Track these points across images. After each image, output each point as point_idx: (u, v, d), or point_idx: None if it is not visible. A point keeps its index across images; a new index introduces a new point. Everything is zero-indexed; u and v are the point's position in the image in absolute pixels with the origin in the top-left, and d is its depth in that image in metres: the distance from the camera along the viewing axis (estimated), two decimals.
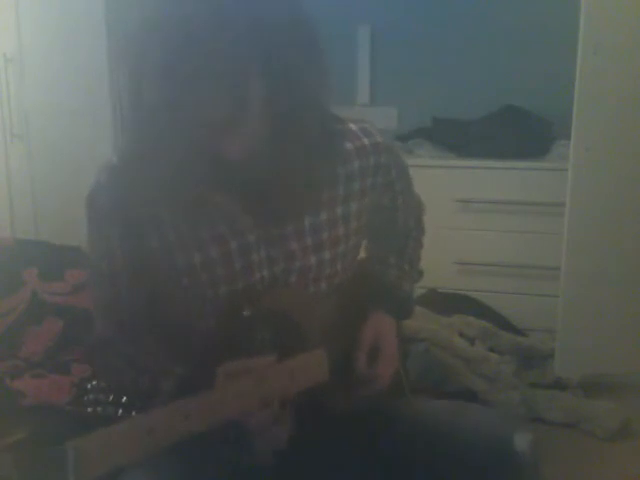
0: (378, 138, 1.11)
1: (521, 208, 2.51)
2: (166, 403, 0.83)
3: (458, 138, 2.71)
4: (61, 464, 0.71)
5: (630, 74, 2.06)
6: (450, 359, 2.19)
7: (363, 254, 1.25)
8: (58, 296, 1.90)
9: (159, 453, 0.80)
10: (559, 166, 2.35)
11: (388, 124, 2.94)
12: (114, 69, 2.57)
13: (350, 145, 1.08)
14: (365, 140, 1.09)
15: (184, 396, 0.83)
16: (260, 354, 0.95)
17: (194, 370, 0.98)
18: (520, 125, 2.64)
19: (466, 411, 1.12)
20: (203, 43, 0.83)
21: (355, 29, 2.98)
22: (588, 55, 2.04)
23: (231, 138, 0.90)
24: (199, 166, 0.90)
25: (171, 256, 1.02)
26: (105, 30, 2.52)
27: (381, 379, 1.15)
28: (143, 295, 1.04)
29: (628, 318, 2.20)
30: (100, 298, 1.08)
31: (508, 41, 2.80)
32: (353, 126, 1.11)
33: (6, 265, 1.96)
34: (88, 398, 1.58)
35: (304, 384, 0.98)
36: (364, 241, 1.23)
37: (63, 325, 1.84)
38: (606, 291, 2.19)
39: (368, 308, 1.17)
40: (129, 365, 1.04)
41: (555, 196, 2.35)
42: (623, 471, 1.85)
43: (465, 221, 2.58)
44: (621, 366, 2.22)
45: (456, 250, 2.57)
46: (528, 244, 2.52)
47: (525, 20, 2.76)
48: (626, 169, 2.12)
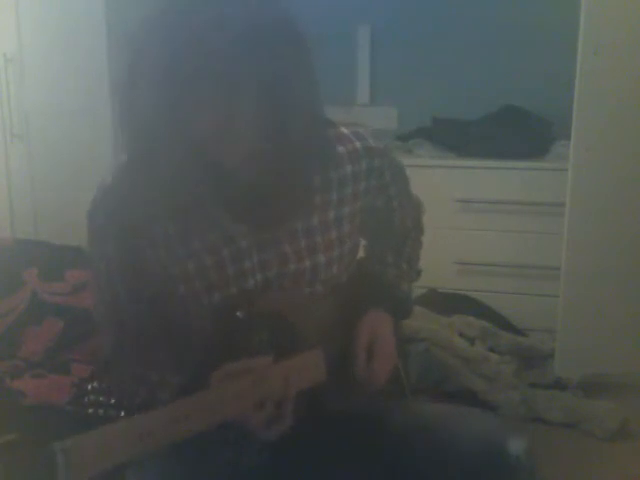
0: (371, 142, 1.12)
1: (521, 208, 2.50)
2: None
3: (458, 138, 2.71)
4: (51, 465, 0.71)
5: (630, 74, 2.06)
6: (450, 359, 2.19)
7: (362, 254, 1.25)
8: (58, 296, 1.90)
9: (156, 454, 0.80)
10: (559, 166, 2.35)
11: (388, 124, 2.94)
12: (114, 69, 2.57)
13: (342, 149, 1.08)
14: (357, 144, 1.10)
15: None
16: (257, 356, 0.95)
17: (192, 376, 0.98)
18: (520, 125, 2.64)
19: (462, 415, 1.12)
20: (200, 47, 0.83)
21: (355, 29, 2.98)
22: (588, 55, 2.04)
23: (224, 144, 0.90)
24: (192, 173, 0.90)
25: (167, 266, 1.02)
26: (105, 30, 2.53)
27: (377, 377, 1.15)
28: (143, 307, 1.04)
29: (628, 318, 2.20)
30: (104, 315, 1.09)
31: (508, 41, 2.80)
32: (345, 130, 1.11)
33: (6, 265, 1.96)
34: (88, 399, 1.58)
35: (302, 384, 0.98)
36: (363, 242, 1.23)
37: (63, 325, 1.84)
38: (606, 291, 2.19)
39: (365, 306, 1.17)
40: (131, 379, 1.04)
41: (555, 196, 2.35)
42: (623, 471, 1.85)
43: (465, 221, 2.58)
44: (621, 366, 2.22)
45: (456, 250, 2.57)
46: (528, 244, 2.52)
47: (525, 20, 2.75)
48: (626, 169, 2.12)
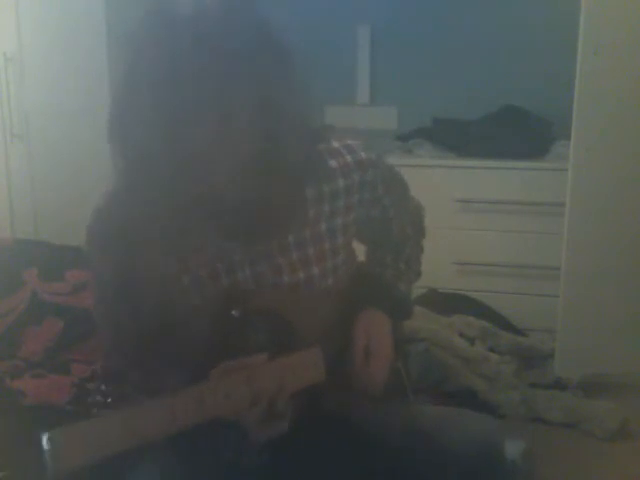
0: (362, 155, 1.12)
1: (521, 208, 2.51)
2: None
3: (458, 138, 2.71)
4: (39, 452, 0.72)
5: (630, 74, 2.06)
6: (450, 359, 2.19)
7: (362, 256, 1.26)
8: (58, 296, 1.90)
9: (155, 452, 0.80)
10: (559, 166, 2.35)
11: (388, 124, 2.94)
12: (114, 69, 2.57)
13: (334, 163, 1.09)
14: (348, 157, 1.10)
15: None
16: (253, 354, 0.95)
17: (190, 377, 0.98)
18: (520, 125, 2.64)
19: (459, 418, 1.12)
20: (186, 67, 0.83)
21: (355, 29, 2.98)
22: (588, 55, 2.04)
23: (215, 162, 0.88)
24: (185, 194, 0.88)
25: (164, 281, 1.02)
26: (105, 30, 2.53)
27: (374, 377, 1.15)
28: (140, 315, 1.04)
29: (628, 318, 2.19)
30: (106, 329, 1.09)
31: (508, 41, 2.80)
32: (336, 144, 1.11)
33: (6, 265, 1.96)
34: (88, 399, 1.58)
35: (300, 383, 0.98)
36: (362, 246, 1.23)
37: (63, 325, 1.84)
38: (606, 291, 2.19)
39: (361, 306, 1.17)
40: (130, 383, 1.05)
41: (555, 196, 2.35)
42: (623, 471, 1.85)
43: (465, 221, 2.58)
44: (621, 366, 2.22)
45: (456, 250, 2.57)
46: (528, 244, 2.52)
47: (525, 20, 2.76)
48: (626, 169, 2.12)
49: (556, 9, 2.65)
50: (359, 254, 1.23)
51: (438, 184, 2.54)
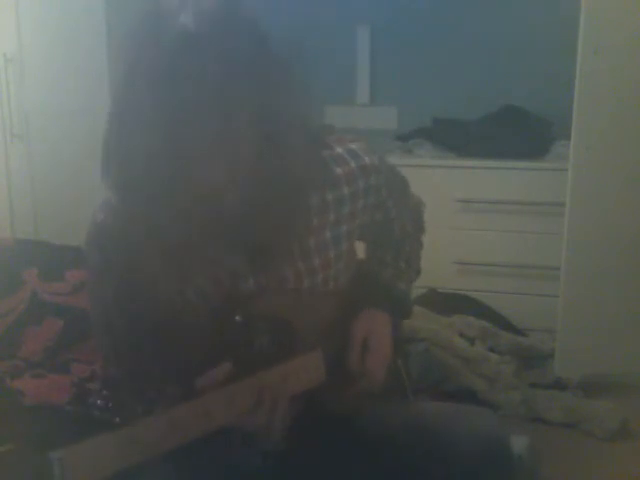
0: (366, 160, 1.11)
1: (521, 208, 2.50)
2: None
3: (458, 138, 2.71)
4: (47, 474, 0.71)
5: (630, 74, 2.06)
6: (450, 359, 2.19)
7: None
8: (58, 296, 1.90)
9: (155, 460, 0.80)
10: (559, 166, 2.35)
11: (388, 124, 2.94)
12: (114, 69, 2.57)
13: (339, 170, 1.08)
14: (352, 164, 1.09)
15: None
16: (257, 359, 0.95)
17: (192, 384, 0.98)
18: (520, 125, 2.64)
19: (463, 414, 1.12)
20: (186, 76, 0.82)
21: (355, 29, 2.98)
22: (588, 55, 2.04)
23: (218, 173, 0.87)
24: (187, 208, 0.87)
25: (165, 293, 1.01)
26: (105, 30, 2.53)
27: (371, 373, 1.14)
28: (140, 325, 1.04)
29: (628, 318, 2.19)
30: (103, 339, 1.09)
31: (508, 41, 2.80)
32: (339, 149, 1.10)
33: (6, 265, 1.96)
34: (87, 400, 1.59)
35: (302, 386, 0.98)
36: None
37: (63, 325, 1.84)
38: (606, 291, 2.19)
39: (361, 305, 1.17)
40: (130, 394, 1.05)
41: (555, 196, 2.35)
42: (623, 471, 1.85)
43: (465, 221, 2.58)
44: (621, 366, 2.22)
45: (456, 250, 2.57)
46: (528, 244, 2.52)
47: (525, 20, 2.76)
48: (626, 169, 2.12)
49: (556, 9, 2.65)
50: (359, 252, 1.23)
51: (438, 184, 2.53)
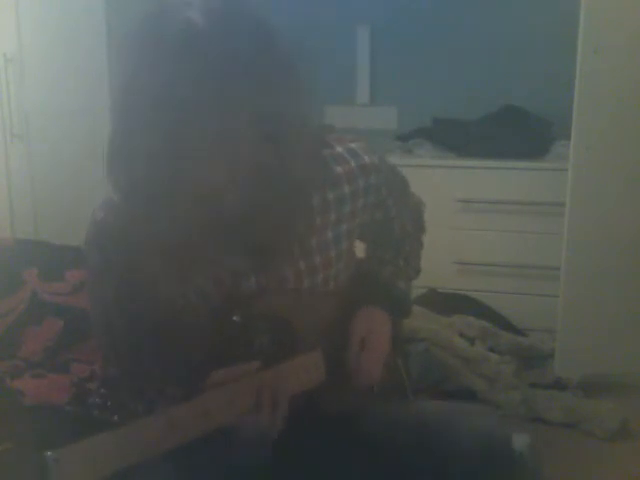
0: (366, 159, 1.11)
1: (521, 208, 2.50)
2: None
3: (458, 138, 2.71)
4: (43, 473, 0.71)
5: (630, 74, 2.06)
6: (450, 359, 2.19)
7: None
8: (58, 296, 1.90)
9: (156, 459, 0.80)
10: (559, 166, 2.35)
11: (388, 124, 2.94)
12: (114, 69, 2.57)
13: (340, 169, 1.08)
14: (352, 163, 1.09)
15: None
16: (257, 359, 0.94)
17: (192, 385, 0.98)
18: (520, 125, 2.64)
19: (464, 412, 1.12)
20: (187, 74, 0.81)
21: (355, 29, 2.98)
22: (588, 55, 2.04)
23: (218, 168, 0.86)
24: (189, 209, 0.86)
25: (164, 293, 1.01)
26: (105, 30, 2.53)
27: (369, 370, 1.14)
28: (140, 325, 1.03)
29: (628, 318, 2.19)
30: (101, 337, 1.09)
31: (508, 41, 2.80)
32: (340, 148, 1.10)
33: (6, 265, 1.96)
34: (87, 400, 1.59)
35: (302, 386, 0.98)
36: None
37: (63, 325, 1.84)
38: (606, 291, 2.19)
39: (360, 304, 1.17)
40: (130, 395, 1.04)
41: (555, 196, 2.35)
42: (623, 471, 1.85)
43: (465, 221, 2.58)
44: (621, 366, 2.22)
45: (456, 250, 2.57)
46: (528, 244, 2.52)
47: (525, 20, 2.76)
48: (626, 169, 2.12)
49: (556, 9, 2.65)
50: (358, 251, 1.23)
51: (438, 184, 2.53)
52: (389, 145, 2.77)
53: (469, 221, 2.57)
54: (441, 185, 2.55)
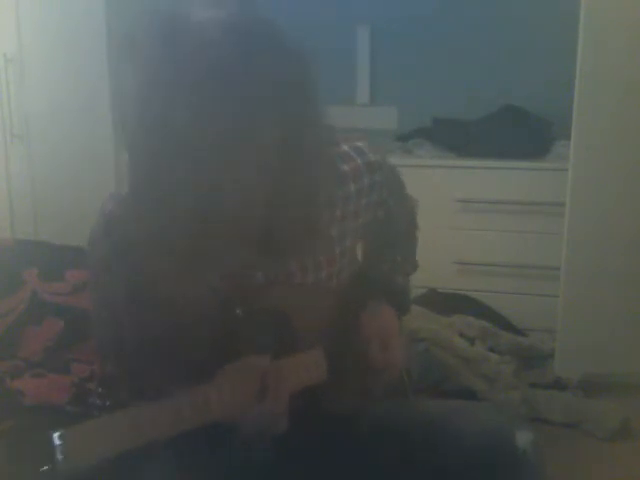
0: (371, 157, 1.12)
1: (521, 208, 2.50)
2: None
3: (458, 138, 2.71)
4: (48, 451, 0.72)
5: (630, 74, 2.06)
6: (450, 359, 2.19)
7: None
8: (58, 296, 1.90)
9: (156, 448, 0.80)
10: (559, 166, 2.35)
11: (388, 124, 2.94)
12: (114, 69, 2.57)
13: (346, 167, 1.09)
14: (358, 160, 1.10)
15: None
16: (259, 354, 0.95)
17: (194, 379, 0.98)
18: (520, 125, 2.64)
19: (467, 409, 1.12)
20: (201, 71, 0.81)
21: (355, 29, 2.98)
22: (588, 55, 2.04)
23: (241, 166, 0.86)
24: (202, 205, 0.85)
25: (169, 291, 1.01)
26: (105, 31, 2.53)
27: (393, 363, 1.13)
28: (143, 323, 1.03)
29: (628, 318, 2.20)
30: (102, 334, 1.09)
31: (508, 41, 2.80)
32: (345, 147, 1.11)
33: (6, 265, 1.96)
34: (86, 400, 1.59)
35: (302, 383, 0.98)
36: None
37: (63, 325, 1.84)
38: (606, 291, 2.19)
39: (364, 301, 1.16)
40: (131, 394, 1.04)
41: (555, 196, 2.35)
42: (623, 471, 1.85)
43: (465, 221, 2.58)
44: (621, 366, 2.22)
45: (456, 250, 2.57)
46: (528, 244, 2.52)
47: (525, 20, 2.76)
48: (626, 169, 2.12)
49: (556, 9, 2.65)
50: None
51: (438, 184, 2.53)
52: (389, 145, 2.77)
53: (469, 221, 2.57)
54: (441, 185, 2.55)
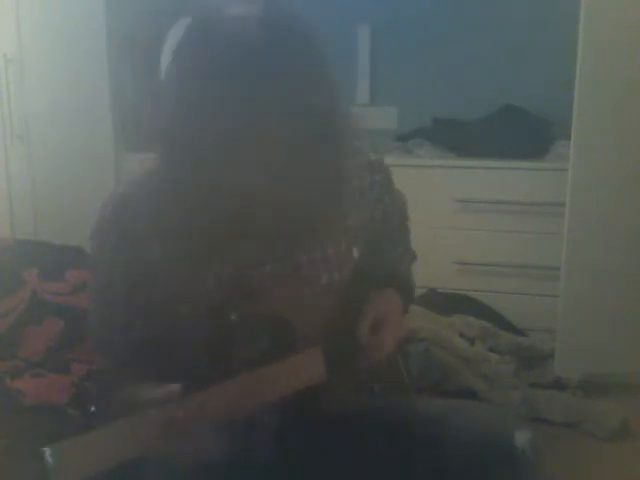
0: (371, 156, 1.17)
1: (521, 208, 2.50)
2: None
3: (458, 138, 2.71)
4: (42, 468, 0.71)
5: (630, 74, 2.06)
6: (450, 359, 2.19)
7: None
8: (58, 296, 1.90)
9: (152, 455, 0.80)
10: (559, 166, 2.35)
11: (388, 124, 2.94)
12: (114, 70, 2.57)
13: (349, 164, 1.10)
14: (360, 159, 1.14)
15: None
16: (255, 357, 0.94)
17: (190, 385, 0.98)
18: (520, 125, 2.64)
19: (467, 409, 1.12)
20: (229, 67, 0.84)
21: (355, 29, 2.98)
22: (588, 55, 2.04)
23: (249, 166, 0.88)
24: (217, 195, 0.88)
25: (169, 284, 1.01)
26: (105, 31, 2.53)
27: (380, 347, 1.13)
28: (142, 323, 1.03)
29: (628, 318, 2.20)
30: (101, 333, 1.09)
31: (508, 41, 2.80)
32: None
33: (6, 265, 1.96)
34: (85, 399, 1.59)
35: (301, 384, 0.98)
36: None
37: (63, 325, 1.84)
38: (606, 291, 2.19)
39: (368, 291, 1.16)
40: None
41: (555, 196, 2.35)
42: (623, 471, 1.85)
43: (465, 221, 2.57)
44: (621, 366, 2.22)
45: (456, 250, 2.57)
46: (528, 244, 2.51)
47: (525, 20, 2.76)
48: (626, 169, 2.12)
49: (556, 9, 2.65)
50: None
51: (438, 184, 2.53)
52: (389, 145, 2.77)
53: (469, 221, 2.57)
54: (441, 185, 2.55)
